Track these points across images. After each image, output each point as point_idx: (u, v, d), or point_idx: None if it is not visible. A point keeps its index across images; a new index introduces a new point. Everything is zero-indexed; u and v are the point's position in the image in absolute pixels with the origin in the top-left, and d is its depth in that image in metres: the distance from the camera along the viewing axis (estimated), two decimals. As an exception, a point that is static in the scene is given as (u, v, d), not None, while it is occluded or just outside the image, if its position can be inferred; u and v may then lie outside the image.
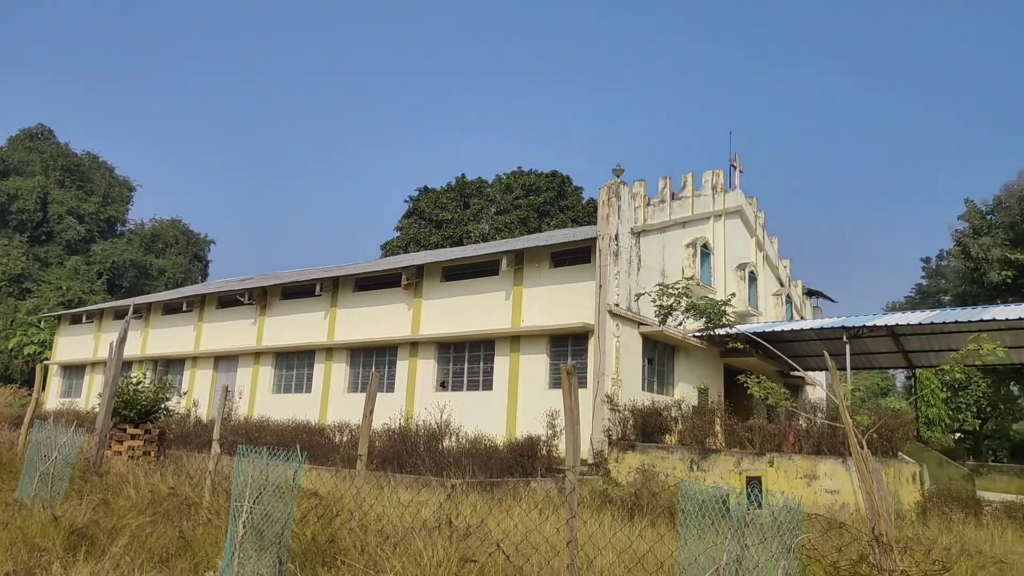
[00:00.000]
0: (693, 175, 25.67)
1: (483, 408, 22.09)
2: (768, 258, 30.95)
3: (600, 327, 20.42)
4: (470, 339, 23.66)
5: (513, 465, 16.52)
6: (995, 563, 9.51)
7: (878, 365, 31.39)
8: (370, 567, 6.54)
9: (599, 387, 19.97)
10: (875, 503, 4.81)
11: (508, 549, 6.87)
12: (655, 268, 22.96)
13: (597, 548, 6.72)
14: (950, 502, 16.01)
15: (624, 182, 22.02)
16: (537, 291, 22.70)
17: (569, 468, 6.21)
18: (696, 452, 17.69)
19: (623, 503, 13.03)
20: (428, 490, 12.62)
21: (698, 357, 24.39)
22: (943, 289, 59.09)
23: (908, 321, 21.68)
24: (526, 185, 54.12)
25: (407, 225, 55.70)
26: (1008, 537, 12.31)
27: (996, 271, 45.40)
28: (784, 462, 16.58)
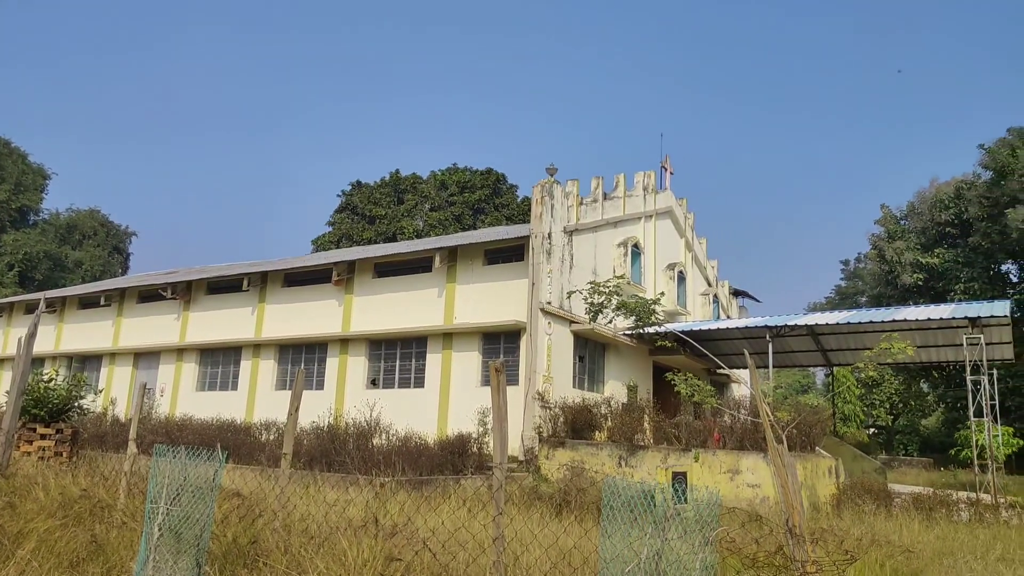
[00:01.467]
0: (625, 176, 26.08)
1: (415, 406, 21.95)
2: (697, 258, 31.71)
3: (532, 325, 20.54)
4: (402, 336, 23.47)
5: (444, 463, 16.47)
6: (903, 552, 9.99)
7: (799, 363, 32.57)
8: (293, 568, 6.41)
9: (531, 384, 20.08)
10: (789, 496, 4.98)
11: (435, 547, 6.84)
12: (587, 267, 23.24)
13: (524, 544, 6.75)
14: (863, 494, 16.74)
15: (558, 181, 22.20)
16: (470, 288, 22.67)
17: (496, 465, 6.21)
18: (625, 448, 17.98)
19: (552, 500, 13.15)
20: (356, 489, 12.46)
21: (628, 355, 24.80)
22: (860, 290, 61.69)
23: (826, 321, 22.56)
24: (461, 182, 54.01)
25: (339, 220, 54.86)
26: (915, 527, 12.96)
27: (909, 274, 47.69)
28: (709, 458, 17.02)
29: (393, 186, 55.07)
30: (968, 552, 11.08)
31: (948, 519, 14.61)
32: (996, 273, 47.98)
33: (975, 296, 43.14)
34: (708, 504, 4.98)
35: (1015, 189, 43.11)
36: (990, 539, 12.22)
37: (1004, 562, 10.46)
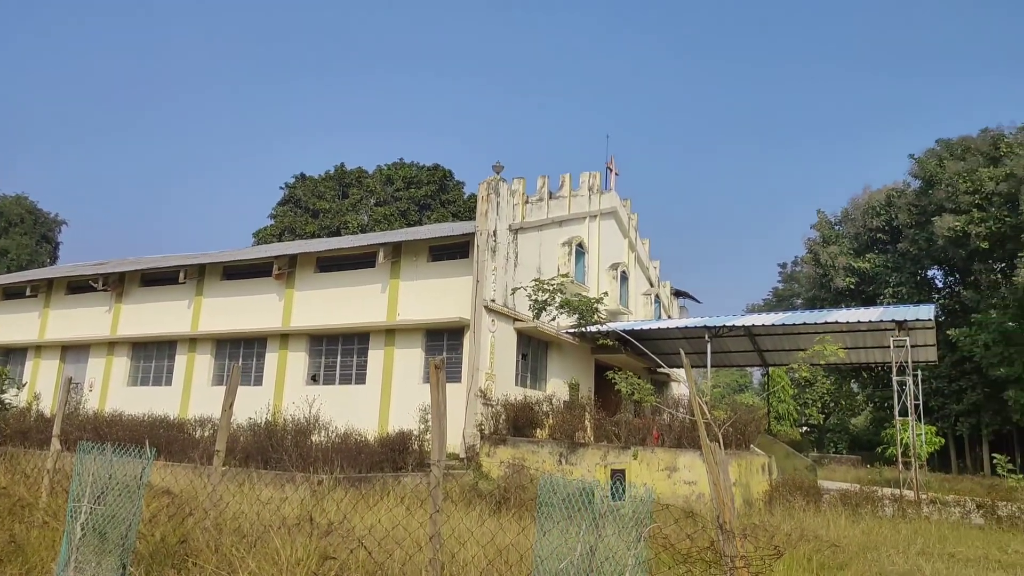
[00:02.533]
0: (571, 176, 26.27)
1: (355, 402, 21.71)
2: (639, 259, 32.15)
3: (476, 322, 20.52)
4: (344, 332, 23.18)
5: (384, 460, 16.33)
6: (829, 547, 10.33)
7: (737, 363, 33.33)
8: (223, 567, 6.27)
9: (473, 382, 20.07)
10: (721, 493, 5.09)
11: (371, 545, 6.77)
12: (531, 265, 23.33)
13: (461, 542, 6.74)
14: (794, 491, 17.24)
15: (504, 179, 22.23)
16: (414, 285, 22.53)
17: (434, 463, 6.19)
18: (565, 446, 18.13)
19: (492, 497, 13.17)
20: (293, 487, 12.26)
21: (571, 353, 25.00)
22: (796, 293, 63.53)
23: (763, 322, 23.15)
24: (407, 177, 53.59)
25: (282, 213, 53.84)
26: (842, 522, 13.41)
27: (842, 277, 49.34)
28: (647, 455, 17.28)
29: (338, 179, 54.31)
30: (891, 546, 11.52)
31: (873, 514, 15.19)
32: (923, 278, 50.04)
33: (903, 300, 44.91)
34: (640, 501, 5.05)
35: (941, 198, 45.00)
36: (911, 533, 12.74)
37: (924, 555, 10.91)
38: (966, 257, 44.92)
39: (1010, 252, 41.10)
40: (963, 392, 43.45)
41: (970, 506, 16.12)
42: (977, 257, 44.41)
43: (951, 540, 12.53)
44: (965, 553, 11.40)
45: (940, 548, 11.70)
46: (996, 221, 41.70)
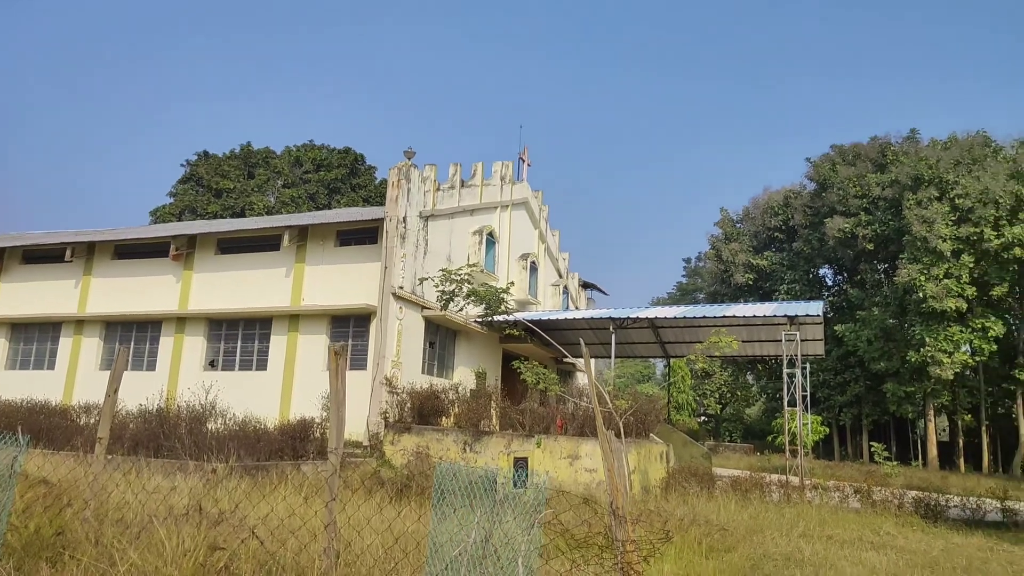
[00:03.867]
0: (483, 164, 26.26)
1: (256, 389, 21.07)
2: (549, 250, 32.51)
3: (383, 309, 20.27)
4: (245, 316, 22.44)
5: (284, 448, 15.93)
6: (719, 530, 10.78)
7: (640, 354, 34.32)
8: (103, 560, 5.96)
9: (379, 369, 19.83)
10: (615, 480, 5.21)
11: (264, 535, 6.59)
12: (441, 253, 23.22)
13: (357, 530, 6.65)
14: (690, 478, 17.88)
15: (415, 165, 21.99)
16: (320, 269, 22.03)
17: (332, 451, 6.08)
18: (470, 434, 18.18)
19: (394, 485, 13.07)
20: (186, 476, 11.80)
21: (479, 342, 25.06)
22: (699, 287, 65.90)
23: (665, 315, 23.87)
24: (317, 160, 52.28)
25: (182, 191, 51.54)
26: (732, 507, 14.02)
27: (741, 273, 51.49)
28: (551, 443, 17.54)
29: (244, 159, 52.40)
30: (775, 529, 12.13)
31: (761, 500, 15.92)
32: (814, 276, 52.85)
33: (797, 297, 47.29)
34: (536, 488, 5.12)
35: (834, 201, 47.58)
36: (795, 517, 13.43)
37: (805, 538, 11.53)
38: (854, 257, 47.69)
39: (893, 253, 43.89)
40: (847, 384, 46.18)
41: (848, 491, 17.13)
42: (863, 257, 47.21)
43: (830, 523, 13.29)
44: (842, 535, 12.12)
45: (820, 531, 12.40)
46: (881, 224, 44.42)
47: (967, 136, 44.22)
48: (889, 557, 10.11)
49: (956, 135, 44.95)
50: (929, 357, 38.05)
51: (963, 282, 38.34)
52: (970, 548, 11.70)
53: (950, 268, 38.62)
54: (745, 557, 9.39)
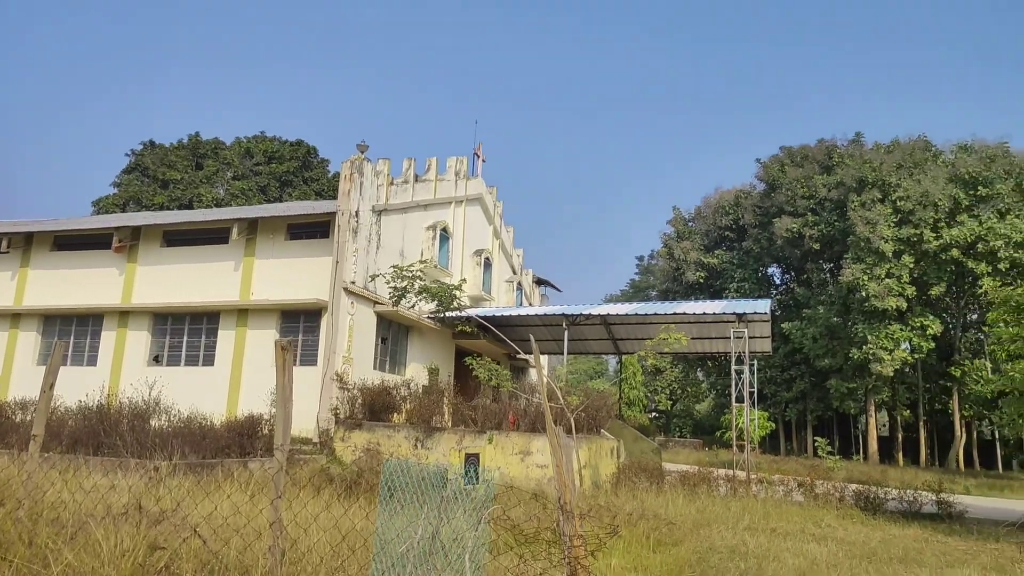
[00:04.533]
0: (437, 160, 26.11)
1: (203, 385, 20.61)
2: (504, 246, 32.51)
3: (334, 304, 20.02)
4: (192, 311, 21.93)
5: (231, 445, 15.61)
6: (667, 524, 10.94)
7: (593, 351, 34.57)
8: (36, 561, 5.76)
9: (330, 365, 19.59)
10: (563, 475, 5.23)
11: (207, 533, 6.45)
12: (394, 248, 23.03)
13: (304, 528, 6.56)
14: (640, 473, 18.11)
15: (368, 159, 21.76)
16: (270, 263, 21.65)
17: (278, 447, 5.98)
18: (422, 431, 18.09)
19: (344, 482, 12.93)
20: (127, 474, 11.49)
21: (431, 338, 24.95)
22: (652, 285, 66.79)
23: (617, 312, 24.09)
24: (268, 152, 51.35)
25: (127, 182, 50.10)
26: (680, 501, 14.24)
27: (692, 271, 52.30)
28: (503, 439, 17.56)
29: (192, 149, 51.17)
30: (722, 523, 12.36)
31: (709, 494, 16.22)
32: (763, 275, 54.01)
33: (746, 295, 48.25)
34: (486, 484, 5.12)
35: (782, 201, 48.65)
36: (740, 511, 13.71)
37: (749, 531, 11.78)
38: (801, 257, 48.86)
39: (837, 253, 45.10)
40: (793, 381, 47.33)
41: (792, 485, 17.57)
42: (810, 257, 48.41)
43: (774, 516, 13.60)
44: (785, 528, 12.42)
45: (764, 523, 12.68)
46: (827, 225, 45.60)
47: (909, 140, 45.68)
48: (829, 548, 10.39)
49: (898, 139, 46.41)
50: (871, 354, 39.22)
51: (903, 282, 39.61)
52: (906, 539, 12.09)
53: (891, 268, 39.86)
54: (692, 550, 9.54)
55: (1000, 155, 41.47)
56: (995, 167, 40.36)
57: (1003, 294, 14.87)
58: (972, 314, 44.85)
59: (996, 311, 15.22)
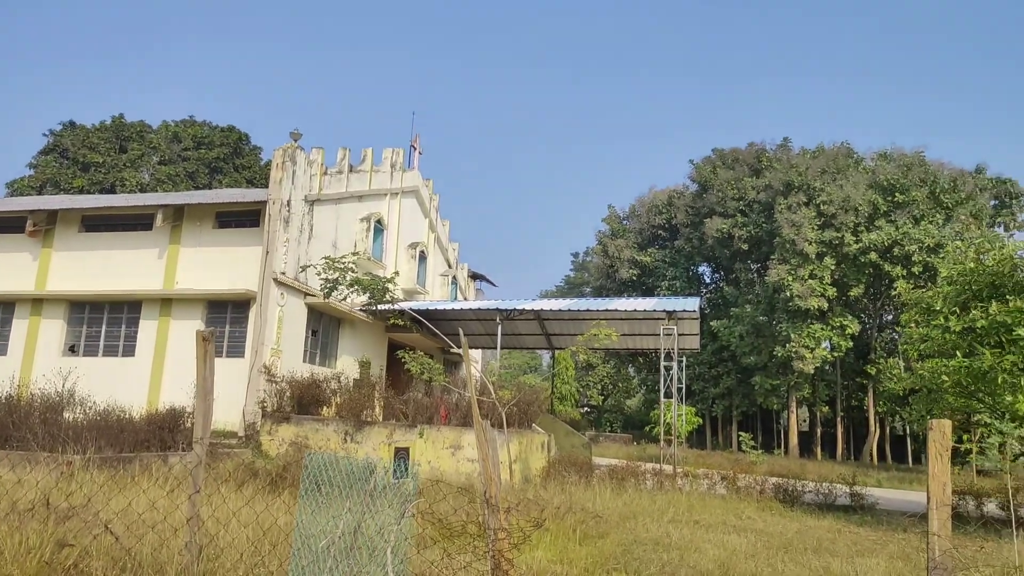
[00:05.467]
0: (373, 150, 25.78)
1: (122, 377, 19.86)
2: (439, 239, 32.36)
3: (264, 295, 19.56)
4: (112, 299, 21.08)
5: (151, 439, 15.08)
6: (593, 518, 11.08)
7: (527, 345, 34.78)
8: (-70, 562, 5.45)
9: (257, 357, 19.14)
10: (489, 469, 5.24)
11: (120, 530, 6.23)
12: (327, 239, 22.64)
13: (223, 523, 6.39)
14: (570, 467, 18.28)
15: (301, 147, 21.32)
16: (197, 252, 21.00)
17: (197, 440, 5.81)
18: (352, 424, 17.86)
19: (269, 476, 12.66)
20: (38, 469, 10.97)
21: (364, 331, 24.64)
22: (586, 281, 67.53)
23: (550, 307, 24.28)
24: (198, 137, 49.72)
25: (44, 163, 47.75)
26: (607, 495, 14.44)
27: (626, 269, 53.13)
28: (434, 433, 17.49)
29: (115, 132, 49.11)
30: (648, 515, 12.59)
31: (636, 488, 16.49)
32: (694, 273, 55.28)
33: (677, 292, 49.30)
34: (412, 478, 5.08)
35: (713, 202, 49.87)
36: (666, 504, 14.00)
37: (674, 523, 12.04)
38: (730, 256, 50.20)
39: (765, 254, 46.52)
40: (720, 377, 48.63)
41: (716, 479, 18.04)
42: (739, 257, 49.78)
43: (698, 509, 13.94)
44: (708, 519, 12.75)
45: (688, 516, 12.98)
46: (755, 226, 46.97)
47: (833, 147, 47.47)
48: (749, 539, 10.71)
49: (823, 145, 48.16)
50: (793, 352, 40.63)
51: (825, 283, 41.16)
52: (821, 530, 12.57)
53: (814, 269, 41.35)
54: (617, 543, 9.69)
55: (916, 164, 43.47)
56: (911, 175, 42.29)
57: (915, 296, 15.58)
58: (887, 315, 46.94)
59: (908, 312, 15.94)
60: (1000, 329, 12.56)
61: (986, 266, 13.51)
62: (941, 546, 4.16)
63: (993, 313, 12.50)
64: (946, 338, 13.50)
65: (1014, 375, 12.22)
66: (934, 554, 4.19)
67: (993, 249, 13.87)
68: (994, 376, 12.28)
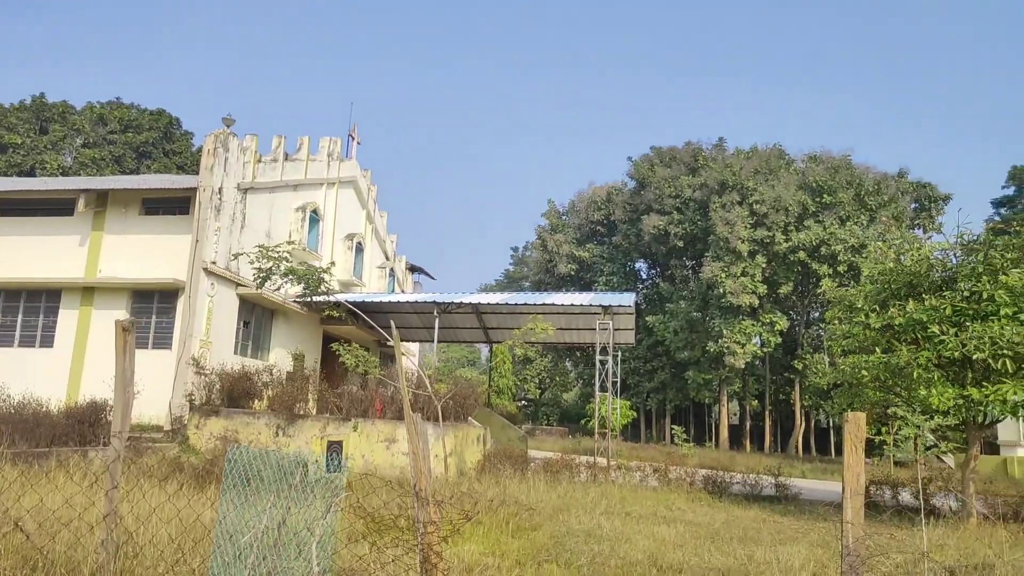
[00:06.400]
0: (310, 139, 25.26)
1: (39, 368, 19.01)
2: (377, 231, 31.96)
3: (193, 285, 18.98)
4: (29, 287, 20.13)
5: (70, 433, 14.51)
6: (527, 510, 11.14)
7: (465, 339, 34.65)
8: None
9: (186, 349, 18.58)
10: (419, 462, 5.20)
11: (31, 527, 5.95)
12: (260, 228, 22.10)
13: (142, 520, 6.17)
14: (505, 460, 18.33)
15: (235, 134, 20.74)
16: (122, 239, 20.24)
17: (115, 434, 5.63)
18: (284, 418, 17.51)
19: (196, 471, 12.31)
20: (-57, 465, 10.39)
21: (298, 322, 24.18)
22: (525, 276, 67.78)
23: (488, 301, 24.29)
24: (125, 120, 47.86)
25: (-43, 143, 45.24)
26: (541, 487, 14.55)
27: (565, 264, 53.56)
28: (368, 427, 17.30)
29: (35, 112, 46.88)
30: (581, 508, 12.73)
31: (570, 480, 16.67)
32: (631, 269, 56.12)
33: (614, 288, 49.96)
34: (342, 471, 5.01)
35: (651, 199, 50.66)
36: (598, 496, 14.19)
37: (606, 515, 12.20)
38: (666, 253, 51.11)
39: (699, 251, 47.56)
40: (655, 371, 49.54)
41: (648, 471, 18.38)
42: (674, 254, 50.73)
43: (630, 500, 14.16)
44: (639, 511, 12.96)
45: (620, 508, 13.18)
46: (691, 224, 47.95)
47: (766, 148, 48.79)
48: (678, 529, 10.94)
49: (757, 146, 49.47)
50: (725, 348, 41.70)
51: (756, 280, 42.35)
52: (747, 519, 12.93)
53: (746, 267, 42.49)
54: (549, 534, 9.77)
55: (843, 167, 45.06)
56: (839, 177, 43.82)
57: (839, 294, 16.14)
58: (814, 312, 48.59)
59: (832, 310, 16.51)
60: (916, 326, 13.11)
61: (904, 266, 14.09)
62: (854, 534, 4.31)
63: (910, 311, 13.04)
64: (866, 335, 14.03)
65: (928, 370, 12.79)
66: (848, 541, 4.34)
67: (912, 250, 14.46)
68: (910, 371, 12.82)
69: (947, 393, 12.47)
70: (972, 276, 13.09)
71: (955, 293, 13.21)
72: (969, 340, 12.19)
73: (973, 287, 12.97)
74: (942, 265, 13.97)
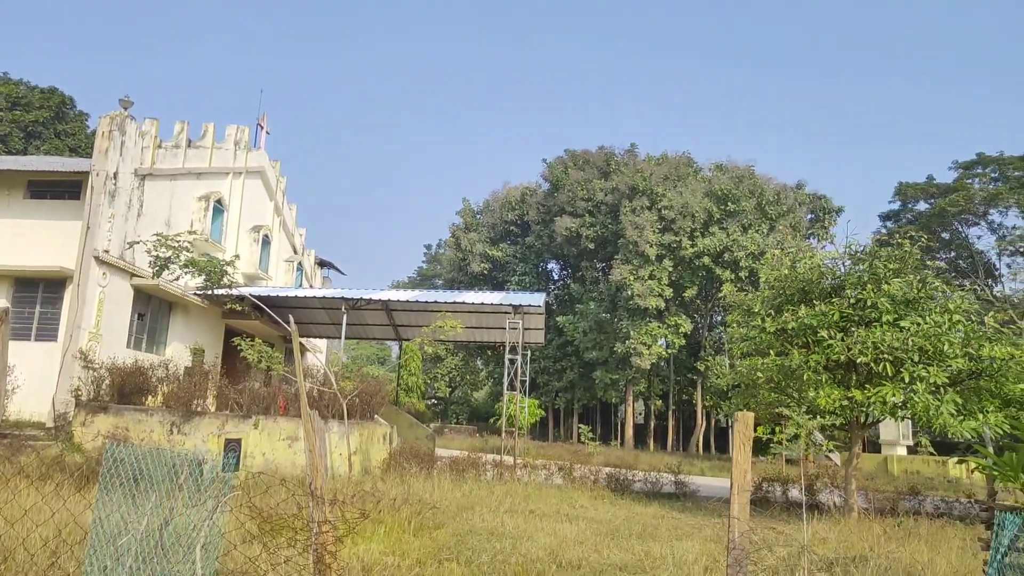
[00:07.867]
0: (215, 126, 24.32)
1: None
2: (285, 224, 31.09)
3: (82, 274, 17.95)
4: None
5: (-62, 430, 13.46)
6: (431, 508, 11.06)
7: (374, 336, 34.15)
8: None
9: (73, 341, 17.54)
10: (315, 460, 5.07)
11: None
12: (160, 217, 21.11)
13: (11, 522, 5.78)
14: (411, 459, 18.17)
15: (132, 116, 19.74)
16: (4, 223, 18.93)
17: (-18, 431, 5.23)
18: (179, 415, 16.79)
19: (80, 470, 11.64)
20: None
21: (198, 316, 23.24)
22: (438, 274, 67.50)
23: (398, 298, 24.02)
24: (12, 97, 44.82)
25: None
26: (446, 486, 14.49)
27: (478, 263, 53.61)
28: (270, 425, 16.81)
29: (-91, 83, 43.32)
30: (485, 506, 12.74)
31: (476, 479, 16.68)
32: (543, 270, 56.74)
33: (526, 288, 50.38)
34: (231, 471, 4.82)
35: (564, 201, 51.37)
36: (504, 494, 14.25)
37: (510, 513, 12.27)
38: (577, 255, 51.94)
39: (609, 254, 48.55)
40: (564, 371, 50.25)
41: (554, 469, 18.60)
42: (585, 256, 51.62)
43: (534, 498, 14.29)
44: (543, 509, 13.10)
45: (524, 506, 13.27)
46: (602, 227, 48.90)
47: (675, 155, 50.29)
48: (579, 527, 11.12)
49: (667, 153, 50.90)
50: (632, 348, 42.72)
51: (663, 284, 43.58)
52: (647, 516, 13.27)
53: (654, 271, 43.67)
54: (452, 533, 9.74)
55: (747, 176, 46.95)
56: (743, 186, 45.63)
57: (738, 299, 16.82)
58: (717, 315, 50.42)
59: (732, 314, 17.17)
60: (807, 331, 13.80)
61: (798, 273, 14.79)
62: (740, 528, 4.47)
63: (802, 316, 13.71)
64: (762, 338, 14.65)
65: (818, 372, 13.49)
66: (734, 535, 4.50)
67: (805, 258, 15.20)
68: (801, 373, 13.49)
69: (834, 394, 13.17)
70: (858, 284, 13.88)
71: (843, 300, 13.98)
72: (854, 345, 12.92)
73: (859, 295, 13.75)
74: (832, 273, 14.73)
